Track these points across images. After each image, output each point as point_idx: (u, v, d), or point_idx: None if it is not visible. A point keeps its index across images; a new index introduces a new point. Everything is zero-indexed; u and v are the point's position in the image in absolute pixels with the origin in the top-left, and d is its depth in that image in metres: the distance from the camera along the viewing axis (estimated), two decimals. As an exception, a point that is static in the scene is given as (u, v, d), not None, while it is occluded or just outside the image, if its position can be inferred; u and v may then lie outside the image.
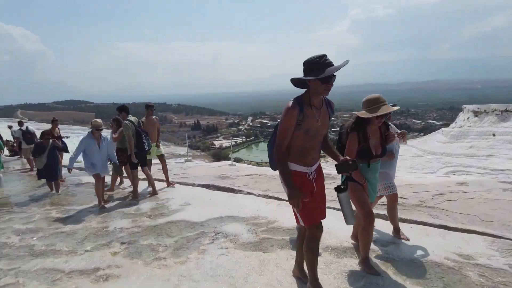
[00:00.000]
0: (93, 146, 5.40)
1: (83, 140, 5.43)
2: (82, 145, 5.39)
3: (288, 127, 2.23)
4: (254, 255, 3.23)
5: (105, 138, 5.61)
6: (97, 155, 5.44)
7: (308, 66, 2.16)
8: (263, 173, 7.63)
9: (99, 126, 5.47)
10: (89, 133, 5.49)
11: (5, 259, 3.57)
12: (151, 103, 6.68)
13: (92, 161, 5.40)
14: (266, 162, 14.57)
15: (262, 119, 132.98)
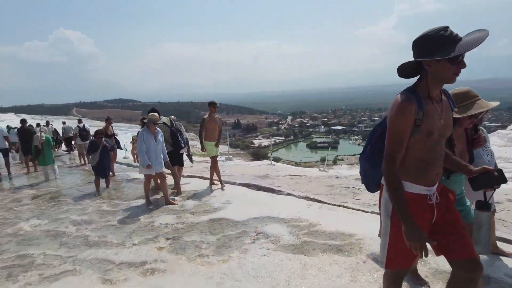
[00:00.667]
0: (150, 140, 5.33)
1: (141, 134, 5.39)
2: (142, 139, 5.33)
3: (402, 130, 1.60)
4: (296, 258, 3.21)
5: (160, 133, 5.56)
6: (154, 150, 5.35)
7: (429, 42, 1.55)
8: (302, 174, 7.56)
9: (156, 120, 5.41)
10: (145, 127, 5.46)
11: (64, 247, 3.87)
12: (214, 101, 6.41)
13: (148, 155, 5.32)
14: (305, 162, 14.58)
15: (302, 118, 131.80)
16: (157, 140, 5.42)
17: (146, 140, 5.30)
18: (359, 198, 5.31)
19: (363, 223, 4.08)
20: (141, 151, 5.29)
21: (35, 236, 4.34)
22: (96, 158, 6.75)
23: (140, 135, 5.37)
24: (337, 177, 7.13)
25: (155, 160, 5.37)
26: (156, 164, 5.38)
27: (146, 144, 5.28)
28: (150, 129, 5.39)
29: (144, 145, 5.27)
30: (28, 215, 5.28)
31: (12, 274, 3.30)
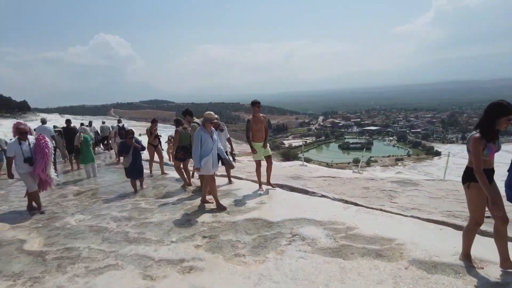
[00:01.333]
0: (207, 139, 5.12)
1: (198, 133, 5.15)
2: (198, 138, 5.10)
3: None
4: (334, 261, 3.15)
5: (215, 132, 5.38)
6: (210, 149, 5.14)
7: None
8: (336, 175, 7.42)
9: (212, 119, 5.19)
10: (201, 126, 5.23)
11: (106, 242, 4.04)
12: (257, 100, 6.14)
13: (206, 156, 5.09)
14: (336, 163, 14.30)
15: (333, 118, 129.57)
16: (214, 139, 5.22)
17: (204, 139, 5.11)
18: (396, 202, 5.14)
19: (403, 227, 3.94)
20: (196, 151, 5.09)
21: (80, 230, 4.58)
22: (129, 160, 6.70)
23: (197, 134, 5.14)
24: (372, 179, 6.94)
25: (213, 160, 5.18)
26: (214, 164, 5.21)
27: (204, 144, 5.09)
28: (207, 128, 5.18)
29: (201, 145, 5.08)
30: (73, 210, 5.57)
31: (61, 265, 3.49)
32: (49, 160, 5.64)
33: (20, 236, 4.47)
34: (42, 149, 5.55)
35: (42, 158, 5.54)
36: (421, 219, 4.22)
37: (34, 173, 5.52)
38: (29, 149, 5.48)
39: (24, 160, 5.40)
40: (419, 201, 5.10)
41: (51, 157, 5.72)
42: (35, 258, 3.73)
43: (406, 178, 6.92)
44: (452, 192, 5.55)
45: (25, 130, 5.54)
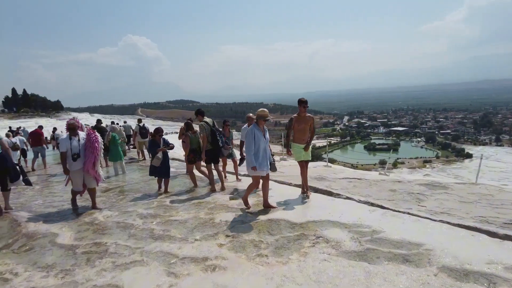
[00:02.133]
0: (261, 138, 4.87)
1: (251, 131, 4.90)
2: (251, 136, 4.85)
3: None
4: (359, 265, 3.08)
5: (267, 131, 5.13)
6: (263, 148, 4.92)
7: None
8: (361, 177, 7.26)
9: (266, 116, 4.92)
10: (254, 124, 5.00)
11: (133, 239, 4.15)
12: (304, 98, 5.69)
13: (257, 155, 4.88)
14: (362, 164, 14.01)
15: (359, 118, 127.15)
16: (266, 139, 4.99)
17: (257, 138, 4.86)
18: (425, 205, 4.95)
19: (432, 232, 3.80)
20: (249, 151, 4.84)
21: (108, 226, 4.72)
22: (161, 158, 6.63)
23: (250, 132, 4.89)
24: (399, 181, 6.74)
25: (264, 160, 4.94)
26: (266, 164, 4.96)
27: (256, 143, 4.85)
28: (260, 125, 4.96)
29: (254, 144, 4.85)
30: (101, 207, 5.75)
31: (90, 259, 3.62)
32: (98, 155, 5.61)
33: (53, 229, 4.68)
34: (92, 143, 5.52)
35: (92, 153, 5.52)
36: (451, 224, 4.05)
37: (84, 169, 5.53)
38: (77, 144, 5.48)
39: (72, 156, 5.43)
40: (449, 205, 4.90)
41: (100, 152, 5.70)
42: (66, 251, 3.88)
43: (435, 180, 6.67)
44: (485, 196, 5.29)
45: (74, 126, 5.53)
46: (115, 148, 9.05)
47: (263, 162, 4.91)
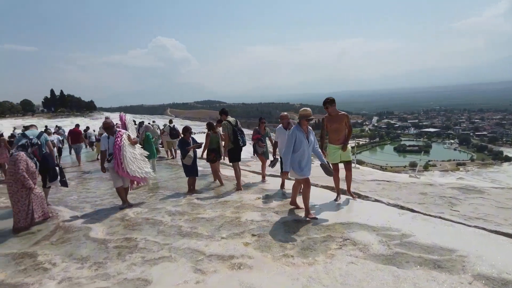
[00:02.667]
0: (302, 140, 4.57)
1: (293, 132, 4.61)
2: (293, 139, 4.57)
3: None
4: (388, 269, 3.00)
5: (312, 132, 4.78)
6: (306, 151, 4.60)
7: None
8: (391, 180, 7.07)
9: (309, 116, 4.59)
10: (297, 125, 4.70)
11: (161, 235, 4.27)
12: (328, 98, 5.38)
13: (300, 158, 4.58)
14: (391, 166, 13.58)
15: (389, 119, 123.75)
16: (310, 141, 4.67)
17: (299, 140, 4.57)
18: (458, 210, 4.75)
19: (465, 238, 3.63)
20: (288, 153, 4.57)
21: (138, 222, 4.88)
22: (192, 157, 6.64)
23: (292, 134, 4.60)
24: (431, 184, 6.50)
25: (307, 163, 4.65)
26: (308, 168, 4.66)
27: (298, 146, 4.56)
28: (303, 126, 4.64)
29: (294, 146, 4.57)
30: (132, 203, 5.95)
31: (121, 254, 3.76)
32: (119, 156, 5.48)
33: (87, 224, 4.90)
34: (115, 145, 5.54)
35: (116, 153, 5.53)
36: (487, 230, 3.86)
37: (114, 168, 5.57)
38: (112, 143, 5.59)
39: (108, 155, 5.62)
40: (484, 210, 4.67)
41: (121, 153, 5.50)
42: (99, 245, 4.05)
43: (469, 184, 6.38)
44: (525, 202, 5.00)
45: (108, 125, 5.64)
46: (149, 146, 9.33)
47: (306, 167, 4.59)
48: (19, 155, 4.90)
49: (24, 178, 4.83)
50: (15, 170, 4.81)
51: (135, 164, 5.66)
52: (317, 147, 4.85)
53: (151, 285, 3.01)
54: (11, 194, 4.87)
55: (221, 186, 7.07)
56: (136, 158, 5.77)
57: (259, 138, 7.34)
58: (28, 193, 4.93)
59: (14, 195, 4.85)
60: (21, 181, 4.83)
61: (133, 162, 5.64)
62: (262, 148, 7.25)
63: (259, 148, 7.23)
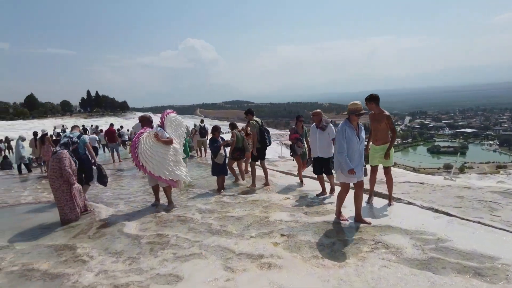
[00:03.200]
0: (352, 138, 4.16)
1: (342, 128, 4.19)
2: (342, 134, 4.16)
3: None
4: (422, 274, 2.89)
5: (362, 129, 4.34)
6: (357, 150, 4.19)
7: None
8: (424, 182, 6.80)
9: (358, 110, 4.17)
10: (346, 120, 4.26)
11: (192, 232, 4.35)
12: (374, 94, 5.05)
13: (350, 157, 4.17)
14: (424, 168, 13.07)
15: (422, 119, 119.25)
16: (360, 138, 4.24)
17: (348, 136, 4.15)
18: (499, 215, 4.49)
19: (509, 245, 3.43)
20: (341, 151, 4.15)
21: (169, 219, 5.00)
22: (224, 155, 6.61)
23: (341, 130, 4.20)
24: (468, 187, 6.19)
25: (359, 164, 4.23)
26: (360, 169, 4.25)
27: (348, 142, 4.15)
28: (352, 122, 4.23)
29: (345, 144, 4.16)
30: (164, 201, 6.09)
31: (153, 249, 3.86)
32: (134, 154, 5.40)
33: (121, 220, 5.08)
34: (132, 146, 5.51)
35: (133, 152, 5.46)
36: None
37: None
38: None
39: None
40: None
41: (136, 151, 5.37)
42: (132, 240, 4.19)
43: (511, 188, 6.02)
44: None
45: (142, 118, 5.77)
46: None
47: (357, 168, 4.16)
48: (63, 153, 5.15)
49: (69, 174, 5.07)
50: (60, 166, 5.06)
51: (160, 164, 5.39)
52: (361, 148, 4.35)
53: (183, 281, 3.07)
54: (54, 189, 5.12)
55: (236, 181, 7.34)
56: (165, 159, 5.43)
57: (298, 138, 6.75)
58: (69, 188, 5.17)
59: (58, 190, 5.11)
60: (66, 177, 5.06)
61: (158, 162, 5.37)
62: (301, 148, 6.76)
63: (298, 149, 6.74)
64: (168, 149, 5.52)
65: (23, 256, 3.92)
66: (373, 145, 5.18)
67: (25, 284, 3.23)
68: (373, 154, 5.16)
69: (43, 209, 6.14)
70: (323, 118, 5.84)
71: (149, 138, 5.46)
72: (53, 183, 5.10)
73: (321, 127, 5.73)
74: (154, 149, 5.38)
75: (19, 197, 7.49)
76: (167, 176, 5.45)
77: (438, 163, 53.24)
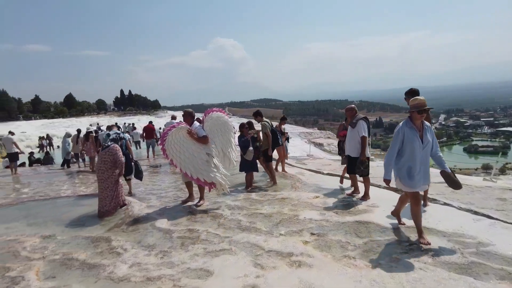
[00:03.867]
0: (413, 140, 3.47)
1: (400, 129, 3.57)
2: (398, 137, 3.55)
3: None
4: (463, 279, 2.74)
5: (429, 129, 3.61)
6: (418, 155, 3.47)
7: None
8: (462, 182, 6.46)
9: (422, 106, 3.46)
10: (407, 119, 3.61)
11: (222, 228, 4.39)
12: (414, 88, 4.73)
13: (410, 163, 3.50)
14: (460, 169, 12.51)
15: (458, 117, 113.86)
16: (425, 140, 3.51)
17: (408, 138, 3.50)
18: (547, 220, 4.19)
19: (559, 252, 3.19)
20: (388, 154, 3.63)
21: (200, 215, 5.07)
22: (252, 151, 6.56)
23: (398, 131, 3.58)
24: (511, 189, 5.83)
25: (421, 171, 3.53)
26: (422, 178, 3.56)
27: (407, 146, 3.51)
28: (415, 122, 3.53)
29: (397, 146, 3.56)
30: (195, 196, 6.19)
31: (184, 244, 3.93)
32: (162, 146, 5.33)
33: (153, 214, 5.21)
34: (161, 137, 5.44)
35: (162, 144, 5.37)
36: None
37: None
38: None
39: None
40: None
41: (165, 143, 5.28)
42: (164, 235, 4.29)
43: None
44: None
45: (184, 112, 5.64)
46: None
47: (418, 175, 3.52)
48: (115, 146, 5.53)
49: (123, 165, 5.50)
50: (115, 158, 5.41)
51: (189, 160, 5.27)
52: (437, 150, 3.63)
53: (213, 276, 3.10)
54: (101, 180, 5.40)
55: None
56: (195, 156, 5.29)
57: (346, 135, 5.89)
58: (116, 181, 5.46)
59: (104, 181, 5.39)
60: (120, 167, 5.47)
61: (186, 159, 5.26)
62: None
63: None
64: (200, 147, 5.37)
65: (63, 246, 4.13)
66: None
67: (66, 272, 3.39)
68: None
69: (80, 203, 6.44)
70: (358, 114, 5.53)
71: (179, 132, 5.33)
72: (102, 174, 5.38)
73: (350, 123, 5.49)
74: (183, 145, 5.30)
75: (59, 190, 7.90)
76: (193, 174, 5.29)
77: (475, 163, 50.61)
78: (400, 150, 3.58)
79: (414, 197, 3.60)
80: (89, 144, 10.94)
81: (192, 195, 5.92)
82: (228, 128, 5.79)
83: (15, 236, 4.61)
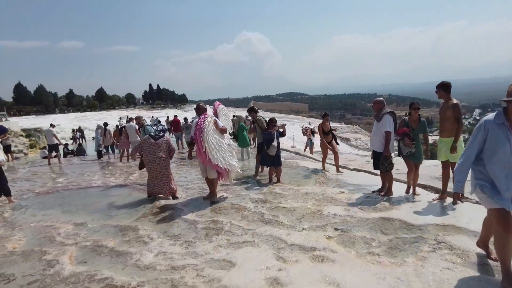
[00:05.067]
0: (504, 142, 2.53)
1: (480, 127, 2.67)
2: (478, 137, 2.66)
3: None
4: (495, 281, 2.63)
5: None
6: (507, 162, 2.54)
7: None
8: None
9: None
10: (498, 112, 2.66)
11: (245, 220, 4.43)
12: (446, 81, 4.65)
13: (498, 172, 2.56)
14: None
15: (494, 112, 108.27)
16: None
17: (496, 139, 2.57)
18: None
19: None
20: (462, 157, 2.77)
21: (224, 207, 5.14)
22: (276, 146, 6.51)
23: (479, 128, 2.68)
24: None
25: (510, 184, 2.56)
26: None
27: (493, 149, 2.58)
28: (510, 116, 2.58)
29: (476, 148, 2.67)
30: (219, 189, 6.26)
31: (208, 235, 4.01)
32: (199, 138, 5.18)
33: (178, 205, 5.34)
34: (196, 126, 5.31)
35: (197, 136, 5.24)
36: None
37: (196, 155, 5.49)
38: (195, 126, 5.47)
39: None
40: None
41: (202, 135, 5.16)
42: (189, 225, 4.39)
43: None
44: None
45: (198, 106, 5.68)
46: (242, 135, 9.89)
47: (505, 185, 2.55)
48: (166, 137, 5.93)
49: (174, 150, 6.05)
50: (169, 146, 5.90)
51: (218, 152, 5.28)
52: None
53: (236, 268, 3.14)
54: (165, 167, 5.79)
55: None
56: (222, 147, 5.35)
57: (406, 133, 5.02)
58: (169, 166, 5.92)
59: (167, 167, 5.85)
60: (173, 153, 5.97)
61: (217, 150, 5.26)
62: (409, 148, 4.99)
63: (405, 148, 5.03)
64: (223, 137, 5.48)
65: (94, 233, 4.33)
66: (440, 138, 4.78)
67: (96, 258, 3.56)
68: (440, 149, 4.76)
69: (110, 193, 6.70)
70: (385, 108, 5.30)
71: (211, 123, 5.35)
72: (164, 161, 5.78)
73: (376, 117, 5.30)
74: (214, 136, 5.31)
75: (90, 180, 8.25)
76: (222, 164, 5.28)
77: None
78: (482, 153, 2.67)
79: (498, 218, 2.55)
80: (123, 138, 11.36)
81: (212, 192, 5.68)
82: (228, 117, 6.25)
83: (51, 222, 4.90)
